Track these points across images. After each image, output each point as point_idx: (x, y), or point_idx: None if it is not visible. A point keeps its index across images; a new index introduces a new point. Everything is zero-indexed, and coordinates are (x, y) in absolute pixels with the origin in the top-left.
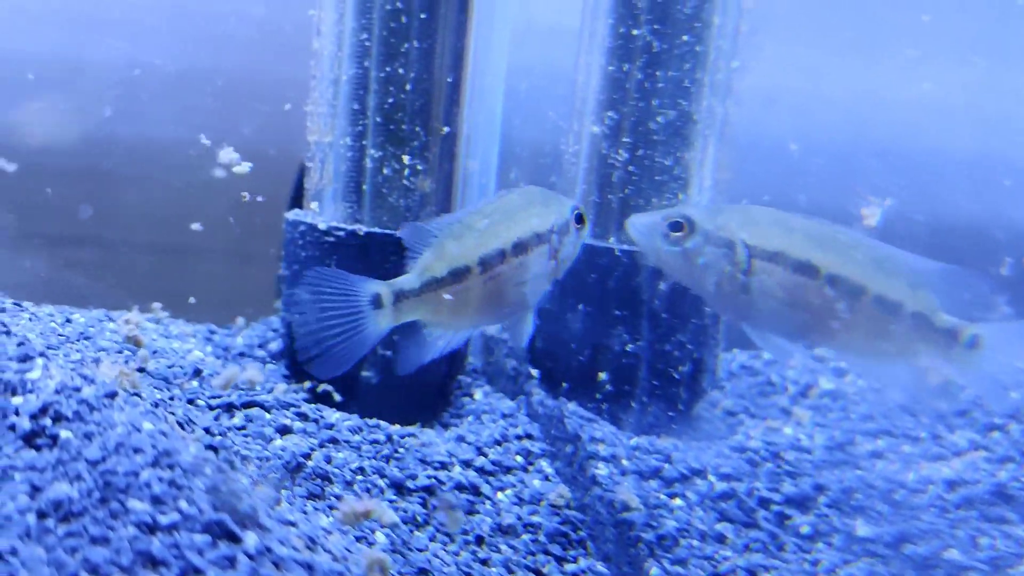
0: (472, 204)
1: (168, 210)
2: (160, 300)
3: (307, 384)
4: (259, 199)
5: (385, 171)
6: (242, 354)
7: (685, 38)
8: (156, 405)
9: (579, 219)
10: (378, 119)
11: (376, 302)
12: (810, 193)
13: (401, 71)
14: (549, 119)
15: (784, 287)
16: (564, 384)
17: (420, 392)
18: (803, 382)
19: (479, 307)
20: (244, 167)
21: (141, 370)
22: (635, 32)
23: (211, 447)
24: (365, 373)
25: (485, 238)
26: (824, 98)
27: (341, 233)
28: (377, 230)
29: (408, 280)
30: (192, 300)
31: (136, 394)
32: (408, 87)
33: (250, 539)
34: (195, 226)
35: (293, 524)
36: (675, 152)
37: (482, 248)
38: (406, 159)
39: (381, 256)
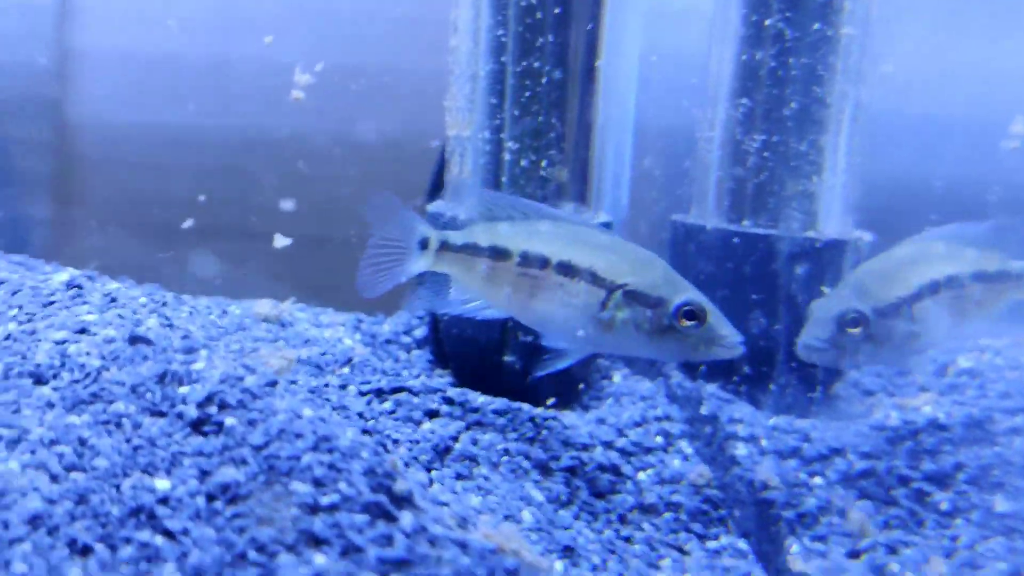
0: (605, 195)
1: (312, 203)
2: (307, 290)
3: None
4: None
5: (522, 163)
6: (388, 341)
7: (816, 25)
8: (312, 392)
9: (689, 315)
10: (515, 112)
11: (423, 244)
12: (946, 175)
13: (536, 65)
14: (683, 106)
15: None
16: (702, 367)
17: (561, 376)
18: (940, 361)
19: (509, 296)
20: (300, 93)
21: (299, 359)
22: (767, 21)
23: (365, 431)
24: (508, 358)
25: (539, 238)
26: (958, 78)
27: None
28: None
29: (454, 235)
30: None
31: (293, 382)
32: (543, 80)
33: (406, 518)
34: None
35: (446, 504)
36: (809, 137)
37: (527, 244)
38: (542, 151)
39: None
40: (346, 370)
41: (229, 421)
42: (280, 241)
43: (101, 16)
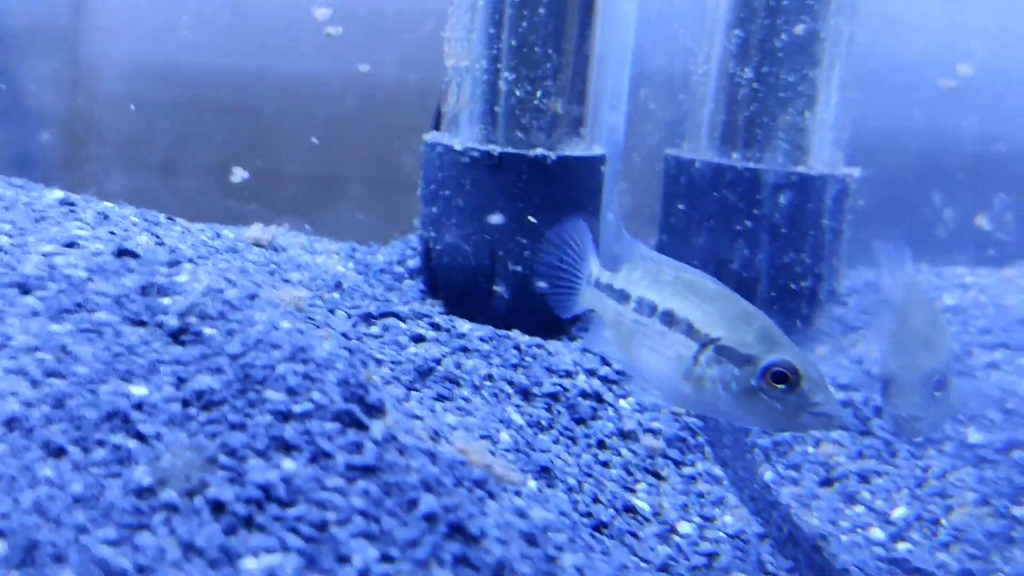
0: (602, 127)
1: (316, 140)
2: (308, 221)
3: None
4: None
5: (518, 93)
6: (382, 271)
7: None
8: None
9: (777, 377)
10: (512, 42)
11: (588, 279)
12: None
13: None
14: (679, 39)
15: None
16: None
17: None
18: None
19: (624, 337)
20: (336, 30)
21: (286, 281)
22: None
23: (347, 349)
24: (498, 287)
25: (656, 285)
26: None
27: (476, 153)
28: (511, 150)
29: (597, 272)
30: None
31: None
32: (541, 11)
33: (376, 427)
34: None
35: (419, 418)
36: (801, 70)
37: (644, 290)
38: (539, 81)
39: (514, 175)
40: (336, 295)
41: (208, 331)
42: (239, 174)
43: None
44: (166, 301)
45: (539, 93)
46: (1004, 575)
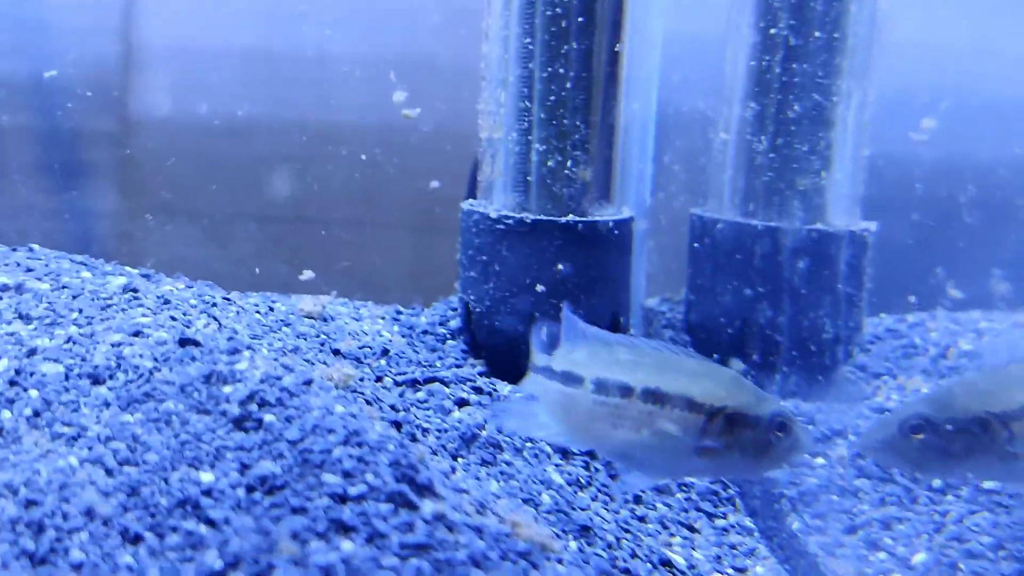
0: (629, 191)
1: (357, 194)
2: (350, 277)
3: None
4: (435, 184)
5: (549, 163)
6: (426, 332)
7: (817, 34)
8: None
9: (780, 427)
10: (542, 115)
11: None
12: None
13: (562, 71)
14: (699, 108)
15: None
16: (715, 355)
17: None
18: (943, 344)
19: (580, 420)
20: (414, 112)
21: (336, 352)
22: (773, 30)
23: (396, 423)
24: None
25: (618, 366)
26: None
27: (510, 220)
28: (543, 217)
29: (535, 357)
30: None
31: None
32: (569, 85)
33: (427, 507)
34: (434, 184)
35: (466, 491)
36: (815, 135)
37: (604, 371)
38: (568, 151)
39: (547, 240)
40: (383, 362)
41: (268, 418)
42: (306, 275)
43: (163, 11)
44: (228, 389)
45: (569, 163)
46: None
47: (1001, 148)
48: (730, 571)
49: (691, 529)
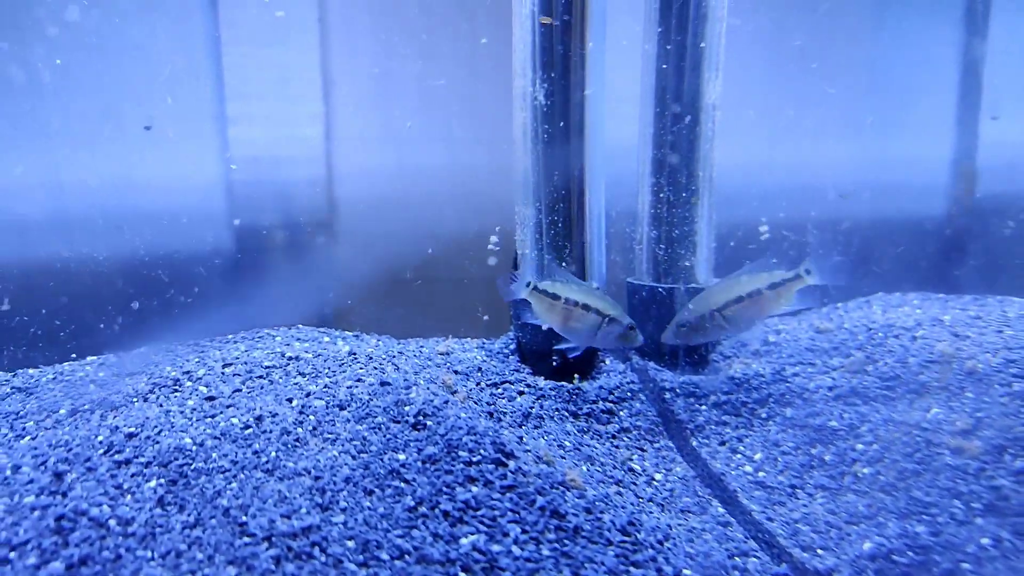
0: (595, 269)
1: (450, 254)
2: (450, 321)
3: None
4: (494, 245)
5: (546, 259)
6: (499, 352)
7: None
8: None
9: (630, 327)
10: (547, 240)
11: (527, 284)
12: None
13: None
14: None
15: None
16: (646, 356)
17: (581, 364)
18: (762, 337)
19: (554, 317)
20: (494, 240)
21: (456, 371)
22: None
23: (489, 413)
24: (554, 358)
25: (572, 291)
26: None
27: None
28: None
29: (534, 282)
30: (485, 318)
31: (454, 391)
32: (560, 225)
33: (511, 464)
34: (492, 244)
35: (530, 450)
36: (688, 218)
37: (567, 293)
38: (562, 258)
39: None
40: (479, 373)
41: (429, 423)
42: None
43: (352, 140)
44: (407, 408)
45: (562, 263)
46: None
47: None
48: (664, 471)
49: (641, 450)
